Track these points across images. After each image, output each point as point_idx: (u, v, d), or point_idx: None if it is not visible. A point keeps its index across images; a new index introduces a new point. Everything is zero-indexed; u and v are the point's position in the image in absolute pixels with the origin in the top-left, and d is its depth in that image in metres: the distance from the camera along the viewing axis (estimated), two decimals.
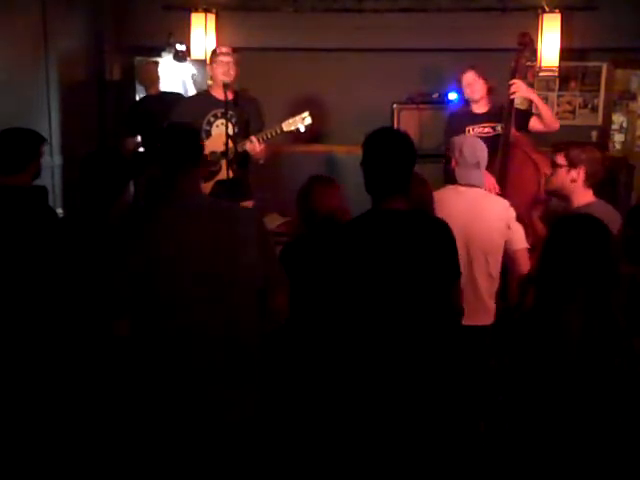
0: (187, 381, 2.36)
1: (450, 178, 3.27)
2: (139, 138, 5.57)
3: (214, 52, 4.43)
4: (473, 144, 3.26)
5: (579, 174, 3.12)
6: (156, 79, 5.70)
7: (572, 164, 3.13)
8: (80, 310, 2.59)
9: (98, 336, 2.47)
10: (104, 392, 2.57)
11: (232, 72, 4.29)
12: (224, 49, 4.39)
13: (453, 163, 3.23)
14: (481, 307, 3.15)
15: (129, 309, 2.35)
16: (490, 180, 3.83)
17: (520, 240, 3.20)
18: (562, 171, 3.16)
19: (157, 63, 5.85)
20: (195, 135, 2.58)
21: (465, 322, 2.83)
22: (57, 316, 2.73)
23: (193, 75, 6.25)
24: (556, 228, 2.18)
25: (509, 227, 3.17)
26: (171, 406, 2.37)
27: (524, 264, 3.19)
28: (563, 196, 3.21)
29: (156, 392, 2.38)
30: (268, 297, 2.52)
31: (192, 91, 6.14)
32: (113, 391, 2.52)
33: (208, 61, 4.48)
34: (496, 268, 3.18)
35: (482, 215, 3.15)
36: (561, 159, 3.16)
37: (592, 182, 3.16)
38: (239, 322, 2.42)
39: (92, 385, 2.61)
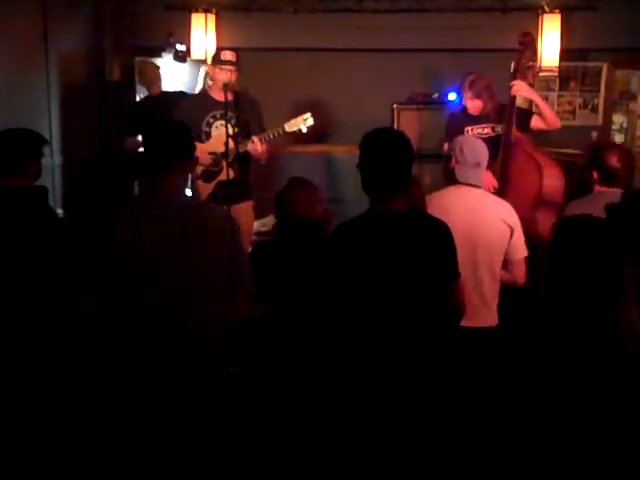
0: (142, 362, 2.44)
1: (450, 177, 3.27)
2: (140, 138, 5.55)
3: (218, 56, 4.37)
4: (474, 144, 3.25)
5: None
6: (156, 79, 5.68)
7: None
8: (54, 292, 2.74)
9: (68, 314, 2.68)
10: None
11: (233, 78, 4.29)
12: (229, 56, 4.32)
13: (453, 162, 3.22)
14: (486, 308, 3.13)
15: (95, 290, 2.52)
16: (488, 177, 3.81)
17: (522, 249, 3.18)
18: None
19: (158, 66, 5.83)
20: (176, 132, 2.55)
21: (470, 324, 2.82)
22: (57, 313, 2.75)
23: (206, 75, 6.20)
24: (559, 233, 2.12)
25: (513, 232, 3.13)
26: (130, 384, 2.45)
27: (521, 275, 3.20)
28: None
29: (117, 371, 2.49)
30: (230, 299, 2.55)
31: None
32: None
33: (210, 62, 4.46)
34: (498, 268, 3.16)
35: (486, 215, 3.14)
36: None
37: None
38: (196, 314, 2.46)
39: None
